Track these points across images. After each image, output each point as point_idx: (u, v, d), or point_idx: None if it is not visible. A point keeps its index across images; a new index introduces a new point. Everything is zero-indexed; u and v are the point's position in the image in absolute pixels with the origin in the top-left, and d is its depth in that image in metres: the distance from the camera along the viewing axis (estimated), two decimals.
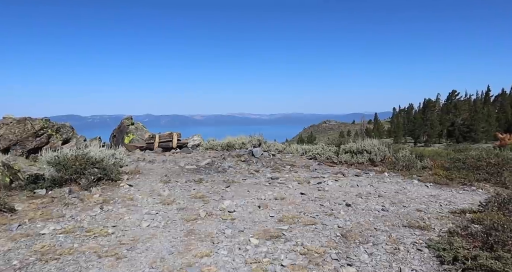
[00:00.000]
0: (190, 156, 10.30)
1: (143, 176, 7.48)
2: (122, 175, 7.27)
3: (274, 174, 7.93)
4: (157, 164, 8.87)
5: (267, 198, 5.96)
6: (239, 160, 9.49)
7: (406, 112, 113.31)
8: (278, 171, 8.38)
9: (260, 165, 9.00)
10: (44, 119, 10.04)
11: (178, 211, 5.20)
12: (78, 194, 5.96)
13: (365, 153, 9.51)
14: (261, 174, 7.93)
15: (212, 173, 8.01)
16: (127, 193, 6.19)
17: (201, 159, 9.74)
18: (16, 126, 8.75)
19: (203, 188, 6.60)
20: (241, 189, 6.57)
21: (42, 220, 4.79)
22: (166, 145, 12.76)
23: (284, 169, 8.70)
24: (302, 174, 8.08)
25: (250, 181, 7.24)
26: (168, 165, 8.74)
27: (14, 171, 5.89)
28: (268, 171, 8.36)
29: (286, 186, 6.88)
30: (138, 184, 6.81)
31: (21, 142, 8.80)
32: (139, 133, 15.62)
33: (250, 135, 13.10)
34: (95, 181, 6.48)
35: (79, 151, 6.85)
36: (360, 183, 7.24)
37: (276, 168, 8.65)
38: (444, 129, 70.35)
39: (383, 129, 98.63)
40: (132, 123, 16.01)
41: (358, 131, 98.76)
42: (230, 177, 7.55)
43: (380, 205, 5.47)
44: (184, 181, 7.10)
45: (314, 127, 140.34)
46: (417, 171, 8.29)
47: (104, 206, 5.36)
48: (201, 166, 8.67)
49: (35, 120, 9.48)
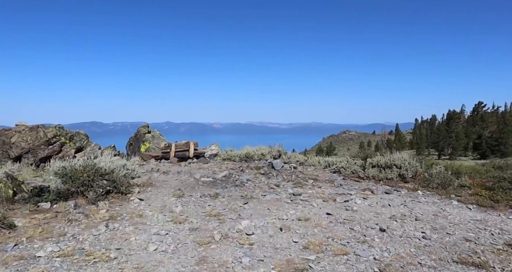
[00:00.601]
0: (207, 167, 9.79)
1: (156, 189, 7.00)
2: (133, 187, 6.81)
3: (296, 190, 7.31)
4: (171, 176, 8.39)
5: (289, 218, 5.35)
6: (258, 173, 8.91)
7: (429, 123, 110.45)
8: (301, 186, 7.75)
9: (281, 179, 8.39)
10: (58, 127, 9.78)
11: (191, 232, 4.65)
12: (84, 208, 5.51)
13: (395, 168, 8.76)
14: (282, 189, 7.32)
15: (229, 187, 7.46)
16: (136, 208, 5.70)
17: (218, 170, 9.21)
18: (28, 134, 8.51)
19: (219, 204, 6.05)
20: (260, 207, 5.98)
21: (41, 239, 4.33)
22: (182, 155, 12.33)
23: (307, 183, 8.06)
24: (327, 190, 7.43)
25: (270, 197, 6.64)
26: (183, 177, 8.25)
27: (18, 182, 5.51)
28: (290, 185, 7.74)
29: (310, 204, 6.24)
30: (149, 198, 6.32)
31: (33, 150, 8.53)
32: (156, 141, 15.30)
33: (269, 145, 12.54)
34: (103, 194, 6.03)
35: (88, 162, 6.44)
36: (392, 202, 6.53)
37: (298, 182, 8.02)
38: (470, 141, 67.81)
39: (405, 140, 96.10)
40: (149, 131, 15.73)
41: (379, 142, 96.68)
42: (248, 192, 6.97)
43: (420, 231, 4.77)
44: (198, 195, 6.57)
45: (333, 137, 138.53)
46: (454, 190, 7.49)
47: (110, 224, 4.87)
48: (218, 178, 8.13)
49: (47, 128, 9.22)
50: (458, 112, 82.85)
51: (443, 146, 72.15)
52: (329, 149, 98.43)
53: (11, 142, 8.19)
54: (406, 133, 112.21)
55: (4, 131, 8.52)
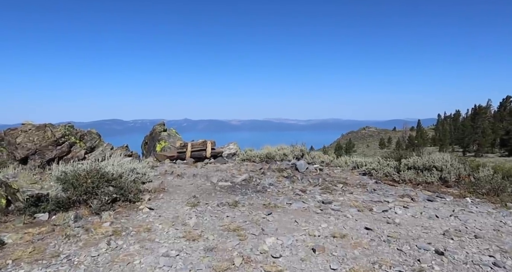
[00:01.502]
0: (225, 169, 9.04)
1: (168, 196, 6.28)
2: (144, 194, 6.12)
3: (325, 196, 6.46)
4: (186, 179, 7.68)
5: (322, 234, 4.52)
6: (281, 176, 8.09)
7: (452, 119, 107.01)
8: (329, 191, 6.89)
9: (307, 183, 7.55)
10: (67, 126, 9.23)
11: (205, 253, 3.89)
12: (85, 220, 4.83)
13: (435, 170, 7.79)
14: (309, 196, 6.49)
15: (250, 192, 6.67)
16: (145, 220, 4.99)
17: (237, 173, 8.44)
18: (35, 134, 7.97)
19: (239, 215, 5.27)
20: (286, 218, 5.18)
21: (29, 261, 3.66)
22: (199, 155, 11.64)
23: (336, 188, 7.20)
24: (360, 197, 6.55)
25: (297, 206, 5.82)
26: (199, 181, 7.52)
27: (13, 190, 4.90)
28: (317, 191, 6.90)
29: (343, 214, 5.39)
30: (161, 207, 5.61)
31: (40, 151, 8.00)
32: (172, 140, 14.69)
33: (292, 144, 11.71)
34: (109, 203, 5.35)
35: (93, 166, 5.77)
36: (439, 212, 5.60)
37: (326, 187, 7.16)
38: (497, 138, 64.97)
39: (427, 136, 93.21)
40: (165, 129, 15.13)
41: (400, 138, 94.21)
42: (271, 200, 6.17)
43: (487, 255, 3.86)
44: (215, 203, 5.81)
45: (352, 134, 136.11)
46: (509, 197, 6.49)
47: (113, 241, 4.16)
48: (237, 183, 7.37)
49: (56, 127, 8.67)
50: (484, 107, 79.59)
51: (468, 142, 69.48)
52: (348, 146, 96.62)
53: (17, 142, 7.68)
54: (428, 129, 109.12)
55: (10, 130, 8.01)
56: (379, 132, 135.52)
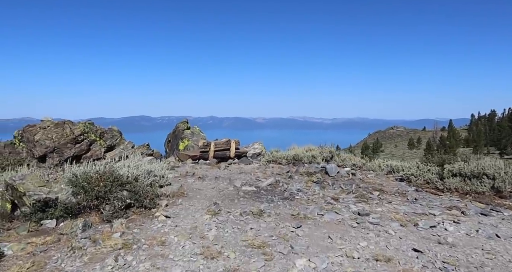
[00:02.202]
0: (249, 171, 8.46)
1: (188, 201, 5.76)
2: (161, 199, 5.63)
3: (360, 206, 5.75)
4: (207, 182, 7.15)
5: (361, 255, 3.84)
6: (310, 181, 7.41)
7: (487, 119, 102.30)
8: (365, 200, 6.16)
9: (339, 190, 6.84)
10: (87, 123, 8.92)
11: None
12: (95, 230, 4.37)
13: (485, 178, 6.88)
14: (342, 205, 5.79)
15: (276, 199, 6.05)
16: (159, 231, 4.47)
17: (262, 176, 7.84)
18: (53, 131, 7.68)
19: (264, 228, 4.66)
20: (318, 233, 4.52)
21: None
22: (222, 155, 11.14)
23: (372, 196, 6.45)
24: (400, 208, 5.79)
25: (329, 217, 5.14)
26: (221, 185, 6.97)
27: (19, 194, 4.51)
28: (351, 199, 6.18)
29: (384, 230, 4.68)
30: (178, 215, 5.08)
31: (58, 149, 7.71)
32: (195, 138, 14.29)
33: (320, 145, 11.00)
34: (122, 209, 4.88)
35: (107, 167, 5.32)
36: (499, 230, 4.78)
37: (361, 195, 6.43)
38: None
39: (460, 137, 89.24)
40: (188, 127, 14.74)
41: (431, 139, 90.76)
42: (300, 209, 5.52)
43: None
44: (238, 212, 5.23)
45: (380, 133, 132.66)
46: None
47: (121, 257, 3.66)
48: (262, 187, 6.77)
49: (75, 124, 8.37)
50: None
51: (505, 144, 65.92)
52: (375, 146, 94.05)
53: (35, 139, 7.42)
54: (460, 130, 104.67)
55: (29, 127, 7.77)
56: (408, 132, 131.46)
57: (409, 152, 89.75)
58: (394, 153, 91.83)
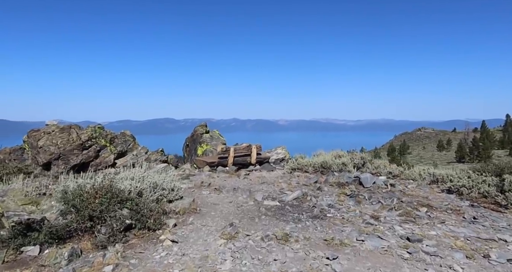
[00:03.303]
0: (272, 182, 7.54)
1: (200, 219, 4.91)
2: (169, 217, 4.81)
3: (408, 228, 4.72)
4: (224, 195, 6.30)
5: None
6: (343, 193, 6.42)
7: None
8: (412, 219, 5.12)
9: (378, 205, 5.81)
10: (97, 127, 8.27)
11: None
12: (83, 260, 3.57)
13: None
14: (385, 227, 4.78)
15: (304, 218, 5.10)
16: (162, 262, 3.63)
17: (287, 187, 6.92)
18: (58, 136, 7.06)
19: (291, 258, 3.74)
20: (360, 268, 3.55)
21: None
22: (243, 161, 10.30)
23: (419, 214, 5.40)
24: (459, 230, 4.72)
25: (372, 244, 4.15)
26: (240, 198, 6.10)
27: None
28: (395, 218, 5.16)
29: (446, 264, 3.65)
30: (187, 239, 4.24)
31: (64, 156, 7.09)
32: (214, 142, 13.51)
33: (350, 151, 9.97)
34: (121, 231, 4.08)
35: (106, 180, 4.55)
36: None
37: (406, 212, 5.39)
38: None
39: (494, 138, 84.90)
40: (207, 131, 13.99)
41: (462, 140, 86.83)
42: (334, 232, 4.55)
43: None
44: (259, 236, 4.32)
45: (407, 135, 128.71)
46: None
47: None
48: (287, 202, 5.84)
49: (82, 129, 7.72)
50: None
51: None
52: (402, 148, 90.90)
53: (39, 145, 6.82)
54: (495, 131, 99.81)
55: (33, 132, 7.19)
56: (436, 134, 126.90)
57: (439, 154, 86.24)
58: (422, 155, 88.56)
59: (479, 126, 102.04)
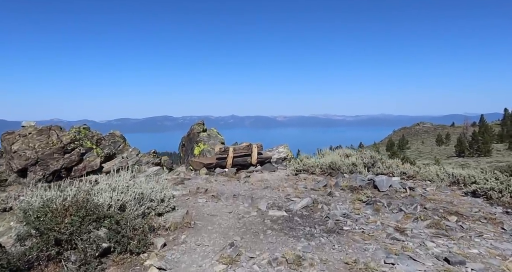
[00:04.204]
0: (276, 185, 6.78)
1: (194, 236, 4.15)
2: (157, 234, 4.04)
3: (442, 244, 3.96)
4: (223, 203, 5.52)
5: None
6: (357, 200, 5.66)
7: None
8: (444, 231, 4.36)
9: (400, 214, 5.04)
10: (82, 128, 7.47)
11: None
12: None
13: None
14: (415, 243, 4.02)
15: (318, 233, 4.33)
16: None
17: (293, 193, 6.15)
18: (36, 139, 6.28)
19: None
20: None
21: None
22: (243, 161, 9.54)
23: (449, 224, 4.64)
24: (503, 246, 3.96)
25: (405, 269, 3.38)
26: (241, 207, 5.32)
27: None
28: (424, 231, 4.40)
29: None
30: (178, 264, 3.47)
31: (42, 160, 6.30)
32: (212, 141, 12.72)
33: (358, 149, 9.22)
34: (96, 257, 3.32)
35: (80, 193, 3.77)
36: None
37: (434, 223, 4.63)
38: None
39: (493, 132, 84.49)
40: (204, 129, 13.19)
41: (462, 135, 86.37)
42: (356, 252, 3.79)
43: None
44: (265, 259, 3.55)
45: (405, 130, 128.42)
46: None
47: None
48: (295, 211, 5.08)
49: (64, 130, 6.92)
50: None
51: None
52: (401, 143, 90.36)
53: (13, 150, 6.03)
54: (493, 125, 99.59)
55: (7, 134, 6.36)
56: (435, 128, 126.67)
57: (438, 149, 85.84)
58: (421, 150, 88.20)
59: (477, 120, 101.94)
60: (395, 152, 65.27)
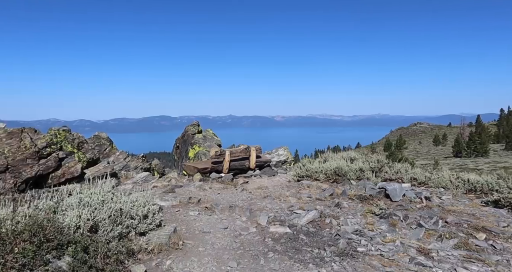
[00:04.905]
0: (277, 194, 6.11)
1: (182, 262, 3.47)
2: (137, 259, 3.36)
3: (479, 271, 3.33)
4: (218, 217, 4.85)
5: None
6: (369, 212, 5.00)
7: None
8: (477, 254, 3.73)
9: (421, 231, 4.38)
10: (61, 130, 6.78)
11: None
12: None
13: None
14: (445, 270, 3.37)
15: (328, 257, 3.67)
16: None
17: (297, 203, 5.49)
18: (5, 143, 5.59)
19: None
20: None
21: None
22: (240, 165, 8.89)
23: (480, 244, 4.01)
24: None
25: None
26: (238, 222, 4.64)
27: None
28: (452, 253, 3.75)
29: None
30: None
31: (13, 167, 5.61)
32: (208, 143, 12.04)
33: (364, 153, 8.60)
34: None
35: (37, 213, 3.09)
36: None
37: (462, 242, 3.99)
38: None
39: (489, 133, 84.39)
40: (200, 130, 12.50)
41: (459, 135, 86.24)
42: None
43: None
44: None
45: (403, 130, 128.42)
46: None
47: None
48: (300, 227, 4.42)
49: (38, 133, 6.23)
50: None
51: None
52: (398, 143, 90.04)
53: None
54: (489, 125, 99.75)
55: None
56: (432, 128, 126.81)
57: (435, 149, 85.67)
58: (418, 150, 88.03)
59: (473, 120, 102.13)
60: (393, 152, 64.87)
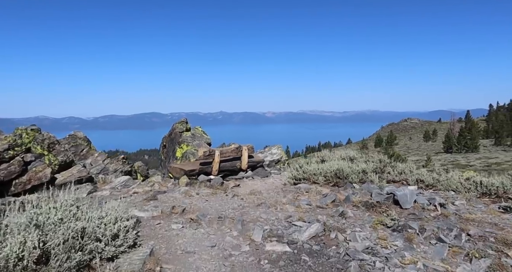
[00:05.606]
0: (273, 201, 5.44)
1: None
2: None
3: None
4: (204, 231, 4.16)
5: None
6: (380, 224, 4.36)
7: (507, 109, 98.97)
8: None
9: (443, 248, 3.74)
10: (29, 129, 6.00)
11: None
12: None
13: None
14: None
15: None
16: None
17: (295, 213, 4.82)
18: None
19: None
20: None
21: None
22: (231, 166, 8.21)
23: (508, 263, 3.41)
24: None
25: None
26: (228, 238, 3.96)
27: None
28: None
29: None
30: None
31: None
32: (197, 142, 11.31)
33: (363, 152, 7.97)
34: None
35: None
36: None
37: (496, 265, 3.38)
38: None
39: (479, 128, 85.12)
40: (188, 128, 11.74)
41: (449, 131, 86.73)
42: None
43: None
44: None
45: (393, 126, 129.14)
46: None
47: None
48: (302, 245, 3.75)
49: (2, 133, 5.41)
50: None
51: None
52: (389, 139, 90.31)
53: None
54: (478, 120, 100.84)
55: None
56: (422, 124, 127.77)
57: (425, 145, 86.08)
58: (409, 146, 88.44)
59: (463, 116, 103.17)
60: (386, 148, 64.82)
